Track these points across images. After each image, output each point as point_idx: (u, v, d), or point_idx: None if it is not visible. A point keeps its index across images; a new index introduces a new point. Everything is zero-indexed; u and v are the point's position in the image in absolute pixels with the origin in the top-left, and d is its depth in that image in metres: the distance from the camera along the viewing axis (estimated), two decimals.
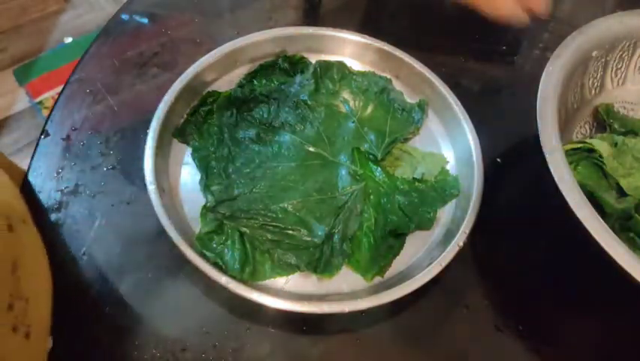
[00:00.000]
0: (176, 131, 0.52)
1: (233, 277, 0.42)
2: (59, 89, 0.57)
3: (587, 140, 0.50)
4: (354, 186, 0.50)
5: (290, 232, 0.46)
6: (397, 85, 0.58)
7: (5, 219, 0.35)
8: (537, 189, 0.54)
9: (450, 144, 0.55)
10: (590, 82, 0.54)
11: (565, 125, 0.51)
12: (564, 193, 0.39)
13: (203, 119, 0.53)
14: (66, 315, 0.43)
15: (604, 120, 0.55)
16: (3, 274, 0.33)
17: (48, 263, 0.41)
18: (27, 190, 0.49)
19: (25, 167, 0.52)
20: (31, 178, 0.50)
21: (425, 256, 0.47)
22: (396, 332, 0.45)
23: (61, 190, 0.49)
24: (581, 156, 0.50)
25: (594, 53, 0.51)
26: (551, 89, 0.46)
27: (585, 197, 0.40)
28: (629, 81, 0.57)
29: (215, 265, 0.43)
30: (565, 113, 0.50)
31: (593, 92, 0.55)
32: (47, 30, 1.42)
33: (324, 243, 0.46)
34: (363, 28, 0.60)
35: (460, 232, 0.46)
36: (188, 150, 0.51)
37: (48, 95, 1.33)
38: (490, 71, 0.65)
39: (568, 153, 0.49)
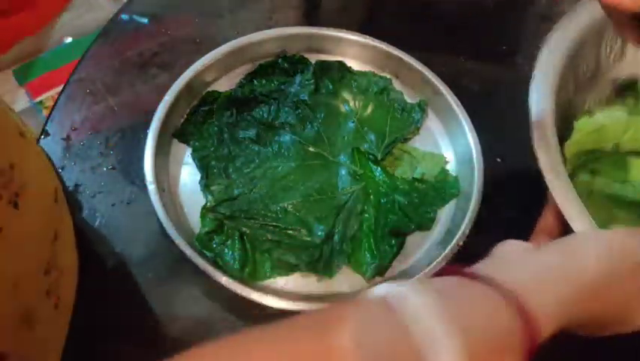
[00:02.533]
0: (176, 132, 0.52)
1: (233, 277, 0.42)
2: (59, 89, 0.57)
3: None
4: (354, 186, 0.50)
5: (290, 232, 0.46)
6: (397, 85, 0.58)
7: (54, 191, 0.38)
8: (537, 188, 0.54)
9: (450, 144, 0.55)
10: (607, 50, 0.51)
11: (575, 95, 0.50)
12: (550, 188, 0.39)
13: (203, 120, 0.53)
14: None
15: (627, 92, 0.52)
16: (45, 241, 0.35)
17: (75, 245, 0.43)
18: None
19: None
20: None
21: (425, 256, 0.47)
22: None
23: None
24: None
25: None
26: (550, 70, 0.44)
27: (575, 194, 0.39)
28: None
29: (215, 264, 0.43)
30: (574, 82, 0.49)
31: (611, 59, 0.52)
32: (47, 30, 1.42)
33: (324, 243, 0.46)
34: (363, 28, 0.60)
35: (460, 232, 0.46)
36: (188, 150, 0.51)
37: (48, 95, 1.32)
38: (490, 71, 0.65)
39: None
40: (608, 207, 0.44)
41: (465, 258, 0.48)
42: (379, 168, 0.51)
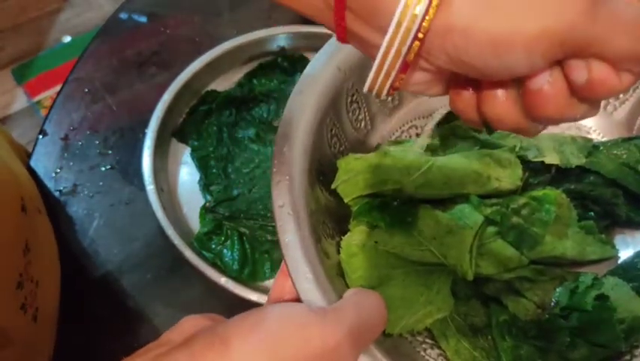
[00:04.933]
0: (175, 131, 0.51)
1: (233, 278, 0.42)
2: (58, 88, 0.57)
3: None
4: None
5: None
6: None
7: (19, 200, 0.37)
8: None
9: None
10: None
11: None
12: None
13: (202, 119, 0.52)
14: (65, 315, 0.43)
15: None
16: (15, 253, 0.34)
17: (58, 255, 0.42)
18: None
19: None
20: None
21: None
22: None
23: (60, 190, 0.49)
24: None
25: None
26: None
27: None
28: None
29: (215, 265, 0.43)
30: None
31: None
32: (46, 29, 1.42)
33: None
34: None
35: None
36: (187, 150, 0.51)
37: (46, 95, 1.32)
38: None
39: None
40: (386, 265, 0.33)
41: None
42: None
